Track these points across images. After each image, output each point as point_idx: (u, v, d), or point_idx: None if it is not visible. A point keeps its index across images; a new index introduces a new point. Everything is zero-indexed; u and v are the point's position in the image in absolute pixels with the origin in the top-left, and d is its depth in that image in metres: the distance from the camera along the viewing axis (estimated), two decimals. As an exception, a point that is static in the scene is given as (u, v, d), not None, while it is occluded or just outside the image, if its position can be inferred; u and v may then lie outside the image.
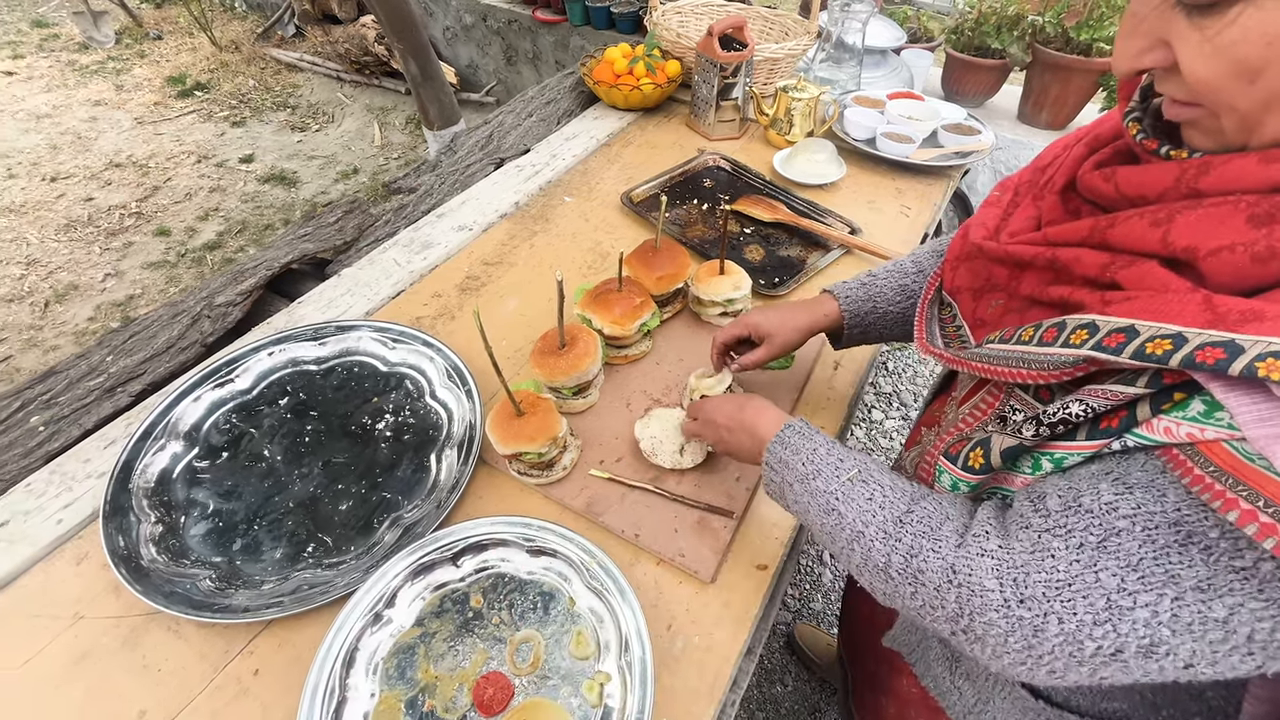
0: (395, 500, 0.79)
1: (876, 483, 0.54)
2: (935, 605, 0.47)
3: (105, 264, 2.75)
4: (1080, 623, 0.39)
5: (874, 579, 0.52)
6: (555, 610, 0.69)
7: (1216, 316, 0.35)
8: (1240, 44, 0.34)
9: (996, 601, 0.43)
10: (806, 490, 0.57)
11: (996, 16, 1.99)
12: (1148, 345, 0.36)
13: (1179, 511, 0.37)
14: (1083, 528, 0.40)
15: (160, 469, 0.80)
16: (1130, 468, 0.39)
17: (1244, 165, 0.37)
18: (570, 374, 0.81)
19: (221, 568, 0.72)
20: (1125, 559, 0.38)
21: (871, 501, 0.52)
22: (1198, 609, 0.36)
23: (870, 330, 0.80)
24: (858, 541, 0.52)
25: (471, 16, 3.48)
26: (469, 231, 1.20)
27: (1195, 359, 0.34)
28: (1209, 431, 0.35)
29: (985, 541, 0.45)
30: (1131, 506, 0.38)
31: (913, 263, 0.80)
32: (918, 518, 0.50)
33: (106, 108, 3.80)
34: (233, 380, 0.90)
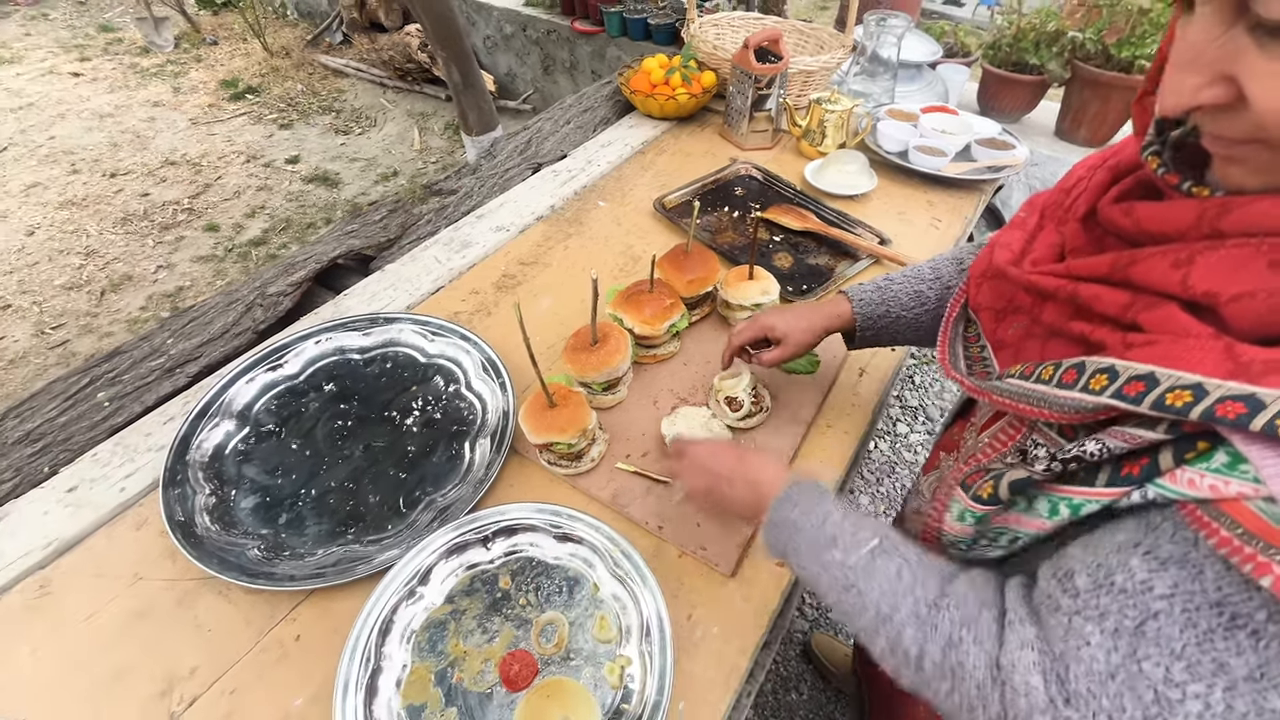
0: (431, 485, 0.83)
1: (902, 557, 0.49)
2: (975, 704, 0.43)
3: (158, 256, 2.89)
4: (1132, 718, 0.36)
5: (901, 666, 0.47)
6: (580, 595, 0.71)
7: (1239, 367, 0.34)
8: None
9: (1042, 702, 0.39)
10: (818, 561, 0.52)
11: (1035, 32, 1.98)
12: (1168, 396, 0.35)
13: (1220, 590, 0.34)
14: (1117, 610, 0.37)
15: (214, 445, 0.86)
16: (1160, 539, 0.37)
17: (1266, 207, 0.35)
18: (601, 370, 0.85)
19: (268, 539, 0.77)
20: (1168, 646, 0.35)
21: (900, 581, 0.47)
22: (1253, 699, 0.33)
23: (883, 333, 0.80)
24: (884, 625, 0.47)
25: (512, 26, 3.58)
26: (506, 232, 1.24)
27: (1216, 413, 0.33)
28: (1233, 485, 0.33)
29: (1024, 630, 0.42)
30: (1168, 585, 0.36)
31: (931, 270, 0.79)
32: (953, 602, 0.46)
33: (164, 108, 4.00)
34: (283, 365, 0.95)
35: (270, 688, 0.66)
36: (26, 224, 3.04)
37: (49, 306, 2.62)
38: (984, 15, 3.77)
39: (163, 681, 0.66)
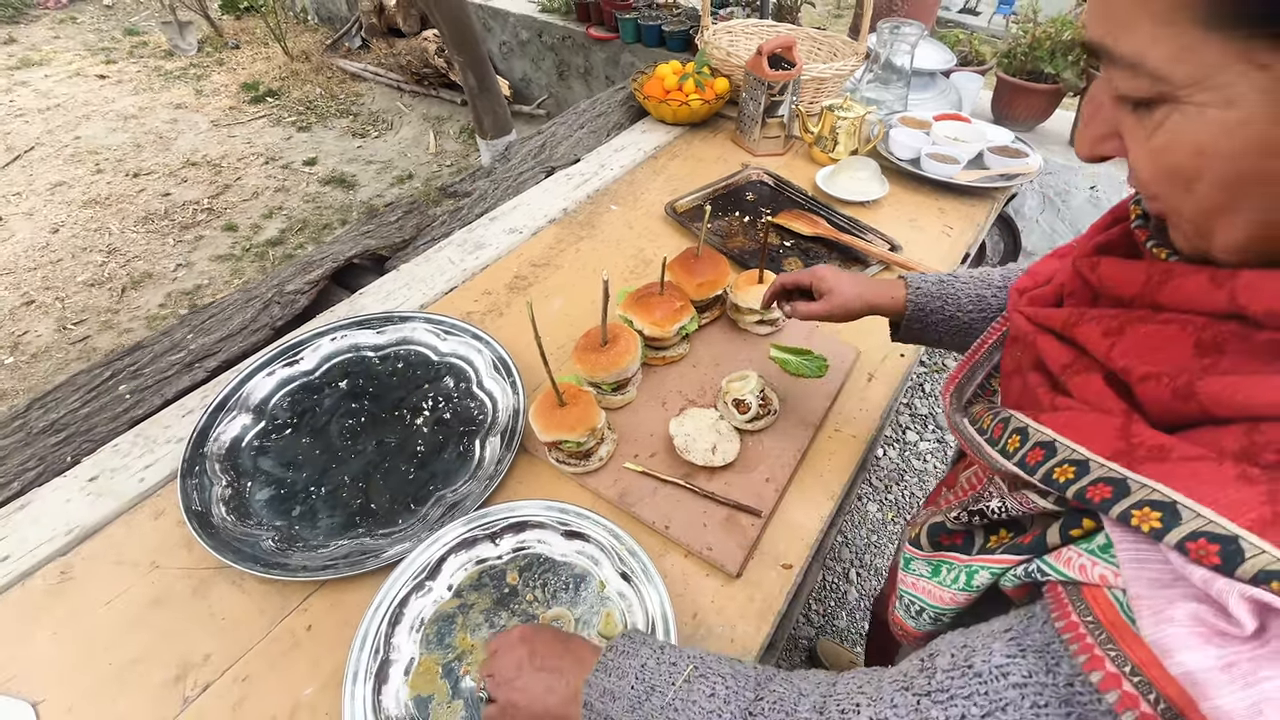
0: (441, 480, 0.84)
1: (717, 674, 0.46)
2: None
3: (177, 255, 2.94)
4: None
5: None
6: (586, 592, 0.72)
7: (1128, 447, 0.32)
8: (1170, 150, 0.31)
9: None
10: (641, 715, 0.46)
11: (1051, 41, 1.98)
12: (1055, 470, 0.35)
13: (1070, 688, 0.32)
14: (966, 694, 0.35)
15: (231, 438, 0.88)
16: (1031, 626, 0.35)
17: (1197, 284, 0.33)
18: (610, 370, 0.85)
19: (282, 530, 0.78)
20: None
21: (714, 698, 0.45)
22: None
23: (930, 329, 0.75)
24: None
25: (527, 32, 3.62)
26: (519, 234, 1.26)
27: (1086, 494, 0.33)
28: (1098, 568, 0.32)
29: (855, 715, 0.39)
30: (1023, 674, 0.34)
31: (1001, 277, 0.74)
32: (769, 704, 0.43)
33: (186, 110, 4.07)
34: (299, 361, 0.97)
35: (281, 676, 0.67)
36: (51, 222, 3.11)
37: (71, 303, 2.68)
38: (1000, 24, 3.77)
39: (177, 667, 0.67)
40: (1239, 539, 0.27)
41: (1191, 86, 0.29)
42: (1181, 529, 0.28)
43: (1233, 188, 0.30)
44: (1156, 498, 0.30)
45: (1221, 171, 0.30)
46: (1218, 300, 0.32)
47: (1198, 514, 0.28)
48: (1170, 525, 0.29)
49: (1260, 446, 0.29)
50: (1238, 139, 0.29)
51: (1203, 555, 0.27)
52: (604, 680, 0.49)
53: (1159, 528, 0.29)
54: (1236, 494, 0.28)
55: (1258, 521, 0.27)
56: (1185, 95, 0.29)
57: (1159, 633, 0.28)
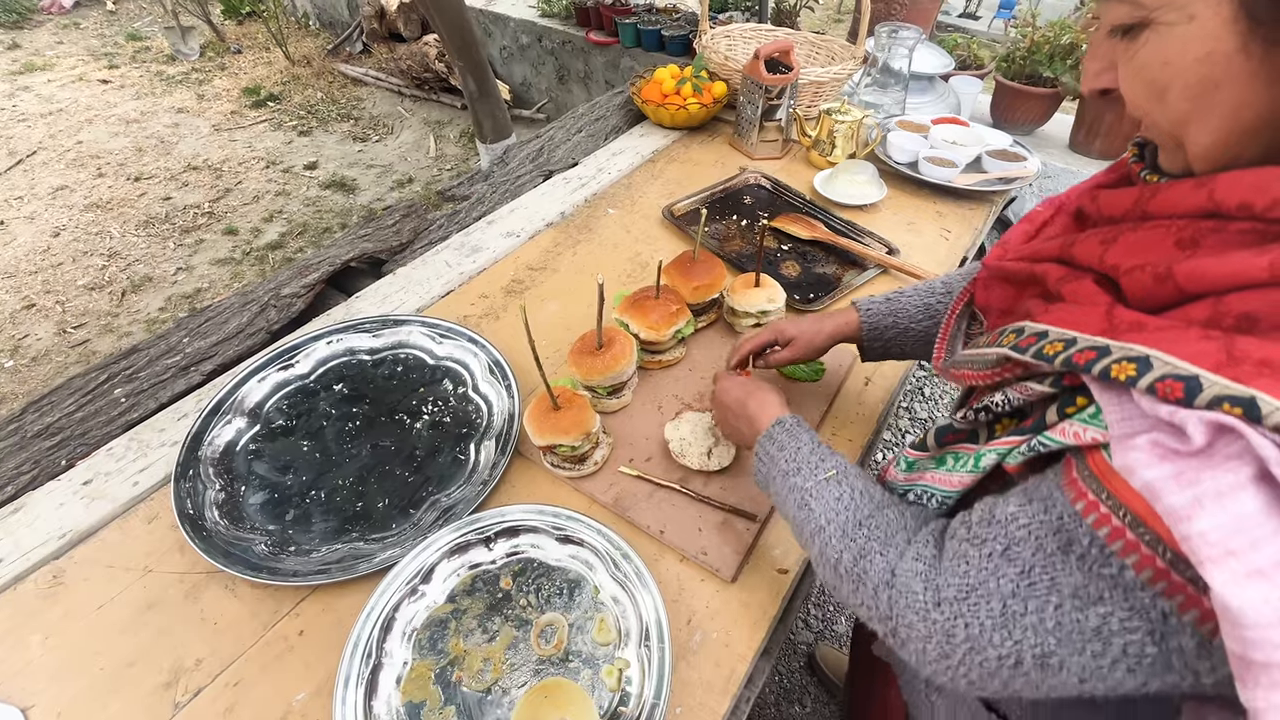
0: (435, 484, 0.83)
1: (849, 485, 0.57)
2: (871, 605, 0.50)
3: (178, 259, 2.95)
4: (981, 627, 0.41)
5: (825, 572, 0.55)
6: (580, 597, 0.72)
7: (1111, 326, 0.38)
8: (1147, 66, 0.37)
9: (919, 604, 0.45)
10: (786, 485, 0.61)
11: (1049, 44, 1.98)
12: (1046, 347, 0.40)
13: (1061, 519, 0.39)
14: (992, 537, 0.42)
15: (226, 441, 0.87)
16: (1040, 484, 0.41)
17: (1180, 191, 0.39)
18: (606, 374, 0.85)
19: (275, 535, 0.78)
20: (1021, 565, 0.40)
21: (839, 501, 0.56)
22: (1075, 617, 0.37)
23: (891, 345, 0.82)
24: (818, 535, 0.55)
25: (527, 37, 3.63)
26: (516, 238, 1.26)
27: (1073, 359, 0.37)
28: (1090, 432, 0.37)
29: (923, 549, 0.48)
30: (1028, 516, 0.41)
31: (942, 284, 0.81)
32: (877, 523, 0.53)
33: (188, 115, 4.09)
34: (294, 365, 0.96)
35: (273, 681, 0.67)
36: (53, 225, 3.12)
37: (71, 306, 2.68)
38: (1000, 29, 3.77)
39: (168, 672, 0.67)
40: (1199, 376, 0.32)
41: (1162, 7, 0.36)
42: (1152, 374, 0.34)
43: (1196, 96, 0.36)
44: (1132, 354, 0.35)
45: (1185, 80, 0.36)
46: (1198, 200, 0.37)
47: (1165, 362, 0.34)
48: (1143, 372, 0.34)
49: (1221, 314, 0.34)
50: (1195, 49, 0.35)
51: (1169, 392, 0.33)
52: (767, 445, 0.65)
53: (1134, 375, 0.34)
54: (1198, 347, 0.33)
55: (1214, 365, 0.32)
56: (1157, 15, 0.36)
57: (1125, 458, 0.34)
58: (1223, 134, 0.37)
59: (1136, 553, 0.34)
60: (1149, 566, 0.34)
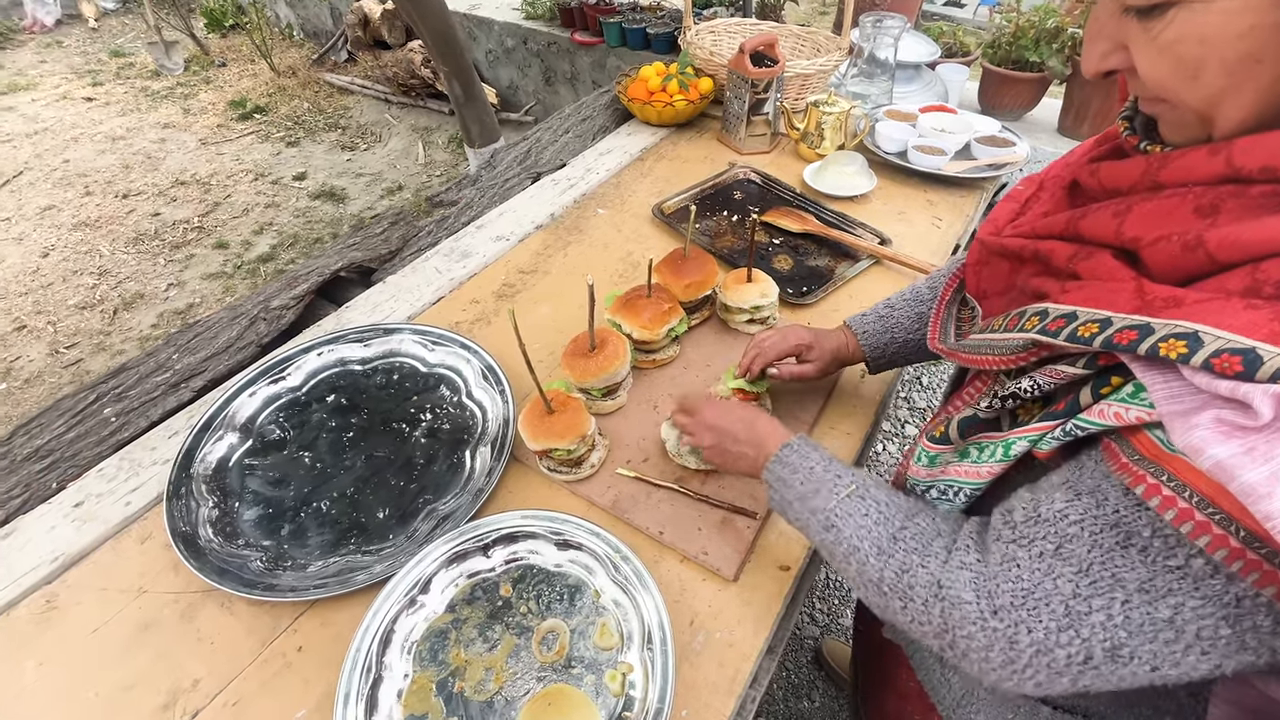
0: (432, 493, 0.83)
1: (873, 499, 0.55)
2: (923, 620, 0.48)
3: (169, 275, 2.93)
4: (1047, 630, 0.40)
5: (868, 593, 0.53)
6: (581, 602, 0.71)
7: (1144, 303, 0.37)
8: (1178, 44, 0.36)
9: (974, 614, 0.44)
10: (806, 508, 0.59)
11: (1035, 29, 1.97)
12: (1080, 329, 0.39)
13: (1118, 513, 0.38)
14: (1041, 537, 0.42)
15: (218, 458, 0.86)
16: (1082, 475, 0.41)
17: (1195, 158, 0.38)
18: (599, 375, 0.84)
19: (270, 550, 0.77)
20: (1078, 564, 0.39)
21: (867, 518, 0.54)
22: (1145, 610, 0.37)
23: (896, 358, 0.84)
24: (853, 556, 0.54)
25: (513, 40, 3.62)
26: (506, 242, 1.25)
27: (1113, 340, 0.36)
28: (1133, 411, 0.36)
29: (966, 555, 0.47)
30: (1079, 512, 0.40)
31: (929, 289, 0.82)
32: (911, 534, 0.52)
33: (174, 130, 4.07)
34: (285, 378, 0.95)
35: (272, 699, 0.66)
36: (42, 246, 3.10)
37: (63, 326, 2.66)
38: (985, 16, 3.77)
39: (166, 694, 0.66)
40: (1255, 349, 0.31)
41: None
42: (1205, 350, 0.32)
43: (1234, 71, 0.35)
44: (1179, 331, 0.34)
45: (1223, 56, 0.35)
46: (1215, 167, 0.37)
47: (1217, 337, 0.32)
48: (1195, 349, 0.33)
49: (1261, 283, 0.34)
50: (1236, 24, 0.34)
51: (1227, 367, 0.32)
52: (778, 470, 0.62)
53: (1185, 353, 0.33)
54: (1247, 318, 0.32)
55: (1269, 335, 0.31)
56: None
57: (1189, 438, 0.32)
58: (1257, 108, 0.36)
59: (1208, 533, 0.33)
60: (1223, 546, 0.33)
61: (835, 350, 0.84)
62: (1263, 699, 0.42)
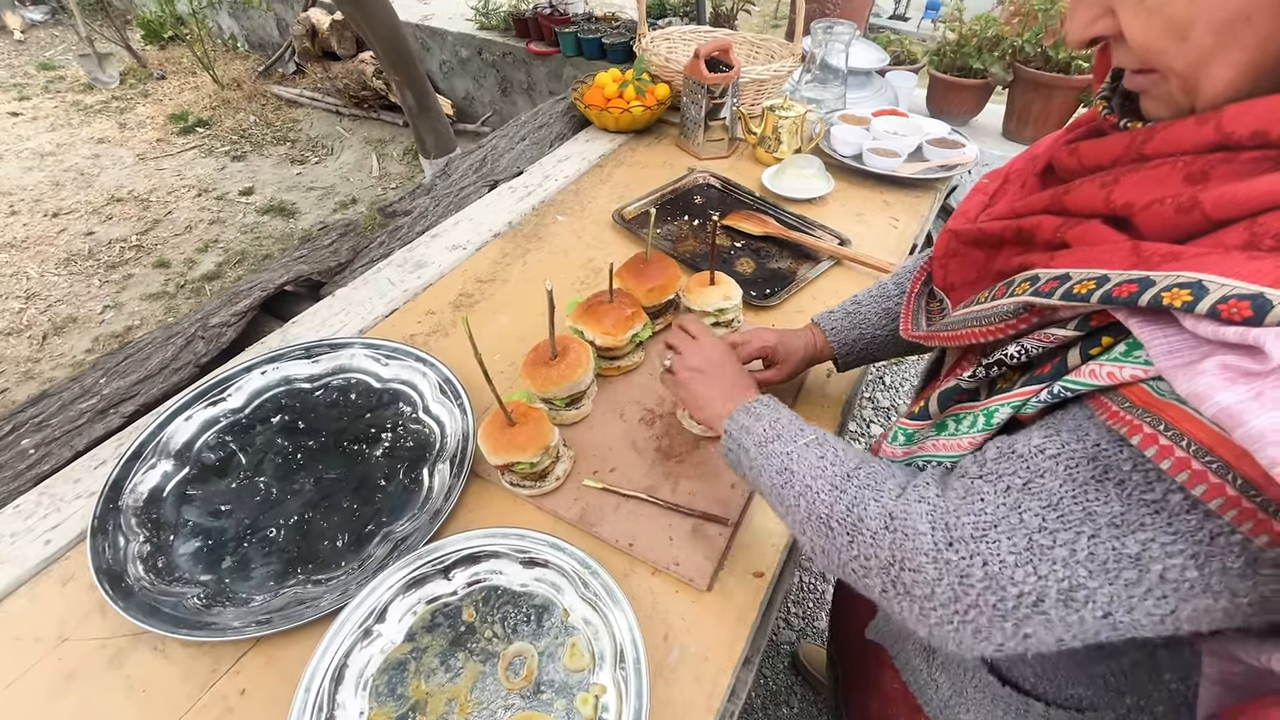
0: (387, 515, 0.78)
1: (831, 446, 0.55)
2: (870, 555, 0.47)
3: (104, 296, 2.77)
4: (1003, 563, 0.39)
5: (815, 534, 0.52)
6: (549, 622, 0.68)
7: (1141, 259, 0.36)
8: (1167, 4, 0.36)
9: (927, 545, 0.43)
10: (763, 453, 0.58)
11: (977, 38, 2.05)
12: (1075, 287, 0.38)
13: (1097, 446, 0.37)
14: (1011, 472, 0.41)
15: (150, 488, 0.80)
16: (1063, 419, 0.40)
17: (1183, 128, 0.38)
18: (562, 384, 0.82)
19: (209, 585, 0.71)
20: (1047, 498, 0.39)
21: (823, 459, 0.54)
22: (1112, 545, 0.36)
23: (865, 354, 0.84)
24: (804, 496, 0.53)
25: (467, 50, 3.58)
26: (463, 251, 1.21)
27: (1113, 294, 0.36)
28: (1127, 369, 0.36)
29: (925, 490, 0.46)
30: (1056, 447, 0.39)
31: (895, 285, 0.82)
32: (865, 473, 0.51)
33: (109, 145, 3.87)
34: (225, 399, 0.89)
35: (212, 750, 0.60)
36: (-40, 269, 2.89)
37: (-15, 354, 2.48)
38: (928, 29, 3.91)
39: (90, 752, 0.60)
40: (1264, 293, 0.30)
41: None
42: (1211, 297, 0.32)
43: (1223, 30, 0.35)
44: (1182, 280, 0.33)
45: (1212, 15, 0.35)
46: (1204, 135, 0.37)
47: (1222, 284, 0.32)
48: (1200, 296, 0.32)
49: (1260, 235, 0.33)
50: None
51: (1235, 313, 0.31)
52: (743, 418, 0.62)
53: (1190, 300, 0.32)
54: (1251, 266, 0.32)
55: (1275, 281, 0.31)
56: None
57: (1193, 385, 0.31)
58: (1245, 68, 0.36)
59: (1204, 482, 0.33)
60: (1219, 495, 0.33)
61: (803, 350, 0.84)
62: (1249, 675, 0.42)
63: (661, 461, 0.83)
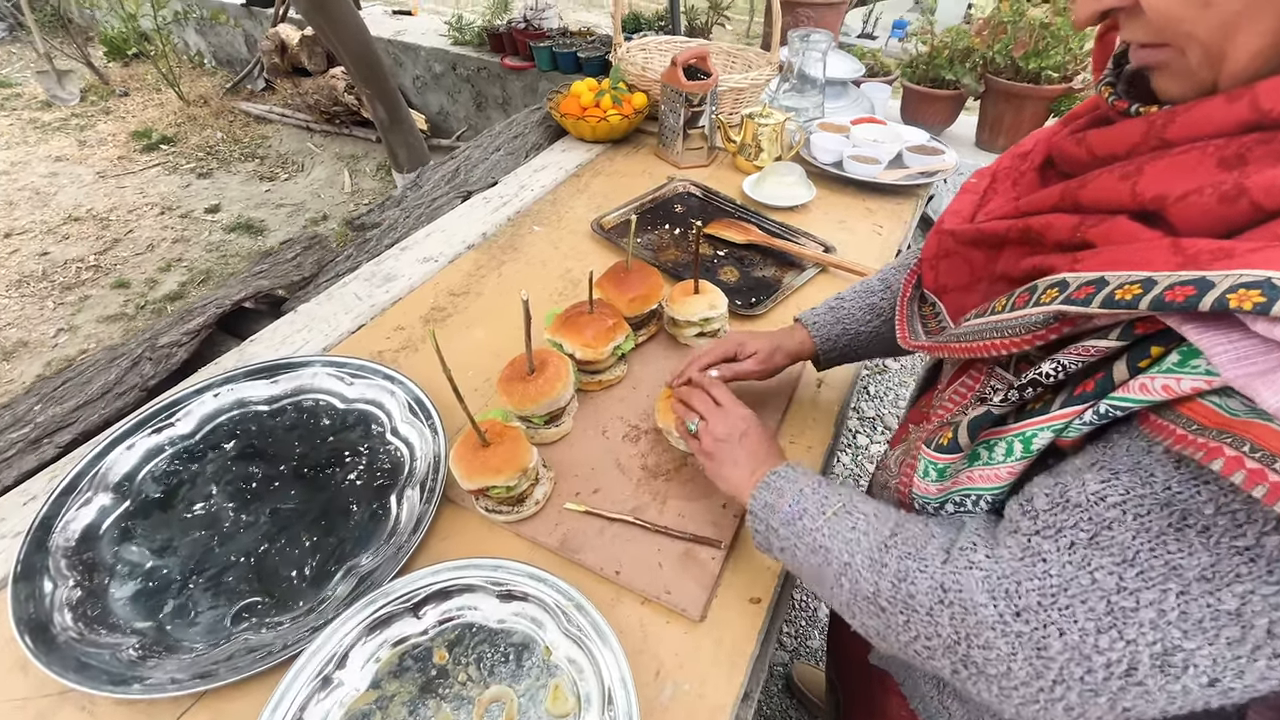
0: (350, 548, 0.72)
1: (860, 512, 0.51)
2: (930, 634, 0.43)
3: (58, 319, 2.64)
4: (1084, 631, 0.35)
5: (865, 616, 0.48)
6: (530, 662, 0.62)
7: (1186, 259, 0.33)
8: None
9: (991, 617, 0.39)
10: (792, 531, 0.54)
11: (949, 50, 2.07)
12: (1117, 293, 0.34)
13: (1169, 490, 0.33)
14: (1072, 525, 0.37)
15: (85, 525, 0.72)
16: (1115, 453, 0.36)
17: (1210, 108, 0.35)
18: (540, 400, 0.76)
19: (147, 634, 0.64)
20: (1120, 553, 0.35)
21: (855, 530, 0.50)
22: (1206, 602, 0.32)
23: (847, 352, 0.80)
24: (845, 575, 0.49)
25: (441, 65, 3.54)
26: (434, 263, 1.16)
27: (1165, 299, 0.32)
28: (1185, 382, 0.32)
29: (972, 554, 0.42)
30: (1120, 494, 0.35)
31: (880, 281, 0.79)
32: (902, 538, 0.47)
33: (68, 163, 3.74)
34: (173, 424, 0.82)
35: (145, 826, 0.53)
36: (-99, 293, 2.74)
37: (-74, 382, 2.34)
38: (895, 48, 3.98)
39: (0, 836, 0.52)
40: None
41: None
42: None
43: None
44: (1248, 280, 0.30)
45: None
46: (1237, 114, 0.34)
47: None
48: (1275, 297, 0.28)
49: None
50: None
51: None
52: (765, 495, 0.58)
53: (1262, 301, 0.29)
54: None
55: None
56: None
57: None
58: (1273, 37, 0.33)
59: None
60: None
61: (789, 351, 0.79)
62: None
63: (648, 480, 0.78)
